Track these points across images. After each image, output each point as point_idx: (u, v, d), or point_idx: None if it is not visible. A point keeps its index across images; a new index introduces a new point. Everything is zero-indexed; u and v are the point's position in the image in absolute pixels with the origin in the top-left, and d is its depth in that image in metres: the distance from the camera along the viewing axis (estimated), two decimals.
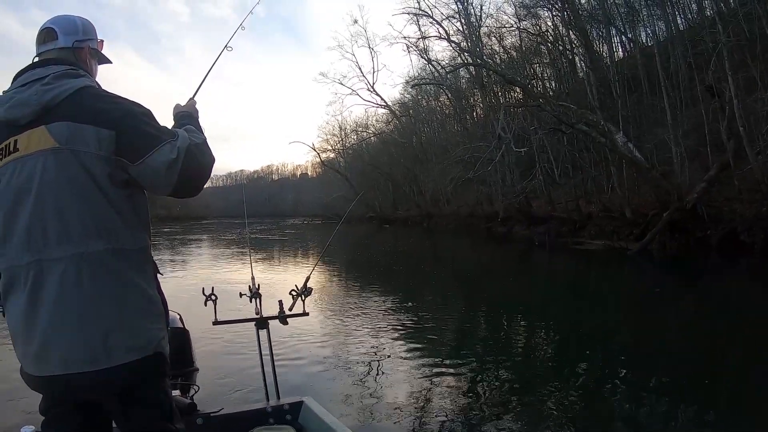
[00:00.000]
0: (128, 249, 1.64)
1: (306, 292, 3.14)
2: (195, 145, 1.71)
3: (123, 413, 1.68)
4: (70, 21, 1.82)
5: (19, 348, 1.64)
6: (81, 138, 1.56)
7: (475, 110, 38.76)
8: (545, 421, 4.28)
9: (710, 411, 4.57)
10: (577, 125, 18.98)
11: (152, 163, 1.61)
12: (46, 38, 1.78)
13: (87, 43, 1.84)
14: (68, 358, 1.54)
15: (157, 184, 1.67)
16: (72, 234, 1.55)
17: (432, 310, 9.38)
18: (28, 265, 1.56)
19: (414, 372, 5.53)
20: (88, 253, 1.56)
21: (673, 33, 21.96)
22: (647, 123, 20.40)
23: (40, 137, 1.57)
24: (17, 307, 1.60)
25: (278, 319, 3.15)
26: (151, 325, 1.66)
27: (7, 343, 5.51)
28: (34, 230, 1.56)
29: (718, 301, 9.84)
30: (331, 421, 2.60)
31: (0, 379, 5.11)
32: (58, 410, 1.69)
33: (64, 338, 1.53)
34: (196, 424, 2.63)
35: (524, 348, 6.98)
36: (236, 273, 13.55)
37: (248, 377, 4.99)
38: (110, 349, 1.55)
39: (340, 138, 60.59)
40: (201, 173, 1.74)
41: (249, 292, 3.22)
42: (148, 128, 1.64)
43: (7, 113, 1.62)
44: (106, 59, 1.97)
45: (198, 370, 3.12)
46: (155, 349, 1.66)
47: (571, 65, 27.19)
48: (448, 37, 33.11)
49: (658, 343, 6.98)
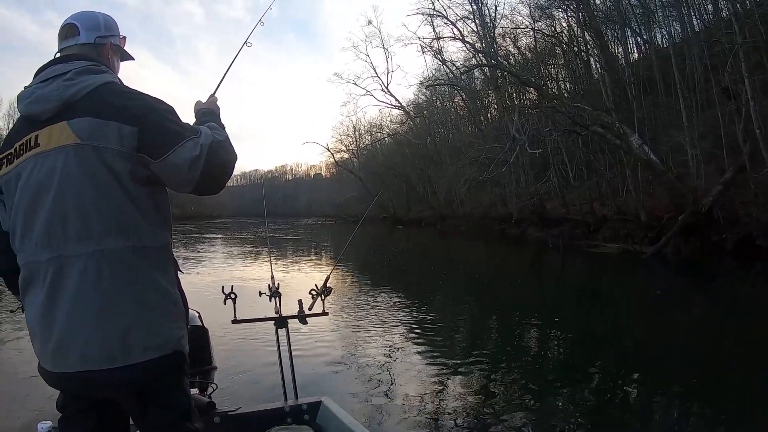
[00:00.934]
0: (149, 246, 1.63)
1: (326, 291, 3.14)
2: (218, 142, 1.70)
3: (141, 411, 1.68)
4: (92, 17, 1.81)
5: (36, 344, 1.64)
6: (102, 134, 1.55)
7: (489, 111, 38.65)
8: (557, 422, 4.32)
9: (721, 414, 4.57)
10: (591, 127, 18.88)
11: (175, 159, 1.60)
12: (67, 34, 1.77)
13: (109, 40, 1.83)
14: (86, 356, 1.54)
15: (179, 181, 1.65)
16: (92, 231, 1.55)
17: (446, 312, 9.43)
18: (48, 262, 1.56)
19: (430, 373, 5.56)
20: (108, 250, 1.55)
21: (689, 34, 21.74)
22: (662, 125, 20.23)
23: (61, 133, 1.56)
24: (36, 304, 1.60)
25: (298, 318, 3.14)
26: (170, 324, 1.66)
27: (25, 337, 5.64)
28: (54, 226, 1.56)
29: (731, 305, 9.76)
30: (349, 421, 2.59)
31: (17, 374, 5.29)
32: (76, 407, 1.70)
33: (82, 336, 1.53)
34: (214, 423, 2.63)
35: (537, 349, 7.03)
36: (254, 271, 13.74)
37: (266, 376, 5.01)
38: (128, 347, 1.55)
39: (354, 138, 60.61)
40: (223, 170, 1.73)
41: (269, 291, 3.20)
42: (170, 125, 1.63)
43: (28, 108, 1.62)
44: (129, 56, 1.97)
45: (216, 368, 3.13)
46: (174, 348, 1.65)
47: (586, 67, 27.01)
48: (463, 38, 32.99)
49: (670, 346, 6.97)
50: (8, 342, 6.84)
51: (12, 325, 7.46)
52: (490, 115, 38.20)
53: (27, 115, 1.64)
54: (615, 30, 24.69)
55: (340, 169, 62.64)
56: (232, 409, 2.76)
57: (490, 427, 4.17)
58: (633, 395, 5.07)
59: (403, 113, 49.77)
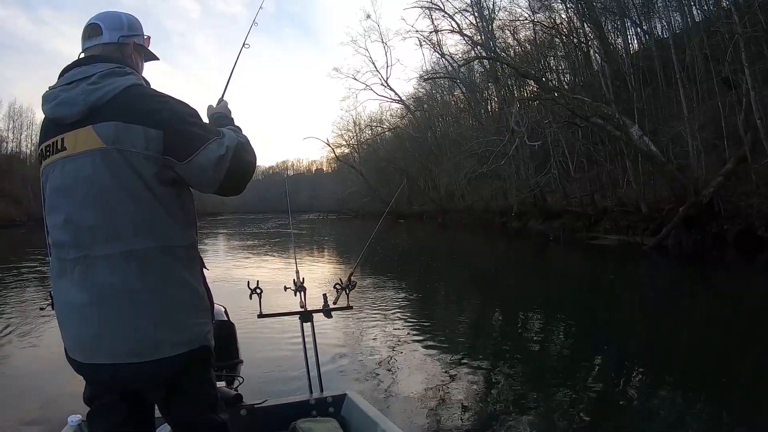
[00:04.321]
0: (176, 246, 1.66)
1: (350, 285, 3.16)
2: (242, 144, 1.72)
3: (168, 404, 1.72)
4: (115, 16, 1.82)
5: (66, 335, 1.68)
6: (128, 138, 1.56)
7: (489, 104, 38.63)
8: (561, 415, 4.31)
9: (725, 409, 4.54)
10: (591, 118, 18.83)
11: (200, 160, 1.61)
12: (91, 34, 1.78)
13: (132, 39, 1.83)
14: (115, 351, 1.57)
15: (204, 181, 1.67)
16: (120, 232, 1.57)
17: (459, 306, 9.60)
18: (75, 260, 1.59)
19: (453, 366, 5.58)
20: (136, 250, 1.58)
21: (689, 24, 21.69)
22: (663, 116, 20.23)
23: (87, 137, 1.58)
24: (65, 297, 1.64)
25: (323, 312, 3.16)
26: (197, 321, 1.70)
27: (54, 333, 5.71)
28: (80, 228, 1.58)
29: (734, 297, 9.72)
30: (373, 414, 2.60)
31: (48, 369, 5.33)
32: (104, 400, 1.73)
33: (111, 332, 1.57)
34: (240, 415, 2.67)
35: (559, 343, 7.03)
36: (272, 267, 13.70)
37: (292, 369, 5.06)
38: (157, 343, 1.58)
39: (355, 133, 60.75)
40: (247, 171, 1.75)
41: (293, 285, 3.23)
42: (195, 128, 1.65)
43: (53, 111, 1.64)
44: (153, 56, 1.97)
45: (242, 362, 3.18)
46: (201, 343, 1.69)
47: (586, 58, 26.86)
48: (461, 31, 32.89)
49: (673, 339, 6.96)
50: (39, 337, 6.98)
51: (42, 321, 7.61)
52: (490, 108, 38.18)
53: (53, 118, 1.65)
54: (614, 21, 24.59)
55: (341, 164, 62.66)
56: (258, 401, 2.81)
57: (512, 419, 4.20)
58: (637, 390, 5.05)
59: (403, 107, 49.84)
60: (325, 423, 2.67)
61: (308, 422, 2.65)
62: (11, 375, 5.53)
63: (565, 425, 4.15)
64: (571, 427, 4.13)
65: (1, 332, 7.28)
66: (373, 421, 2.53)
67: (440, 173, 40.67)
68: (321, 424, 2.66)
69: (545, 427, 4.10)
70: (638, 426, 4.19)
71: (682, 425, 4.24)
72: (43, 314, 7.66)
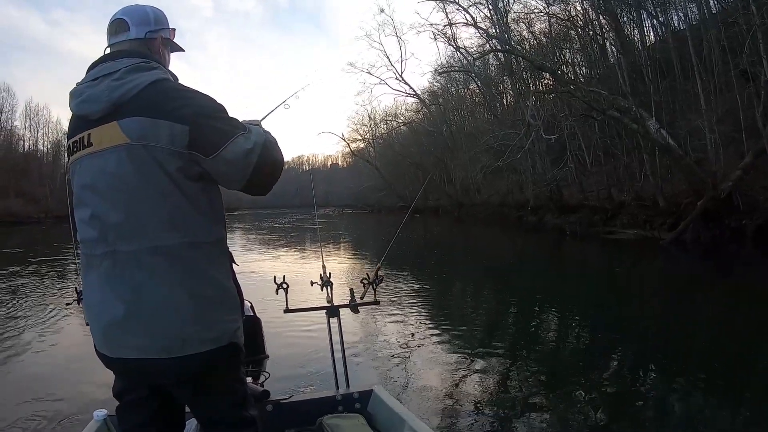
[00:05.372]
0: (204, 241, 1.66)
1: (377, 280, 3.13)
2: (270, 142, 1.71)
3: (196, 400, 1.74)
4: (142, 11, 1.81)
5: (94, 329, 1.69)
6: (153, 133, 1.56)
7: (505, 97, 38.36)
8: (577, 411, 4.38)
9: (743, 406, 4.55)
10: (608, 111, 18.71)
11: (227, 155, 1.60)
12: (117, 29, 1.77)
13: (160, 33, 1.83)
14: (143, 346, 1.59)
15: (231, 176, 1.66)
16: (147, 228, 1.58)
17: (482, 301, 9.85)
18: (102, 256, 1.61)
19: (475, 362, 5.62)
20: (163, 246, 1.58)
21: (706, 15, 21.36)
22: (680, 109, 19.96)
23: (112, 133, 1.58)
24: (94, 292, 1.66)
25: (349, 307, 3.15)
26: (225, 317, 1.68)
27: (80, 328, 5.79)
28: (107, 224, 1.60)
29: (752, 292, 9.66)
30: (400, 410, 2.60)
31: (74, 364, 5.51)
32: (134, 395, 1.76)
33: (139, 328, 1.58)
34: (266, 411, 2.67)
35: (579, 339, 7.12)
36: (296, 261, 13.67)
37: (318, 365, 5.11)
38: (185, 340, 1.59)
39: (370, 128, 60.61)
40: (275, 168, 1.74)
41: (320, 280, 3.19)
42: (221, 123, 1.64)
43: (79, 108, 1.65)
44: (179, 47, 1.96)
45: (268, 357, 3.23)
46: (230, 340, 1.68)
47: (602, 50, 26.60)
48: (475, 24, 32.65)
49: (691, 335, 6.95)
50: (64, 332, 7.17)
51: (68, 315, 7.82)
52: (505, 102, 37.93)
53: (79, 114, 1.67)
54: (630, 13, 24.26)
55: (357, 158, 62.61)
56: (285, 397, 2.82)
57: (533, 415, 4.24)
58: (653, 386, 5.05)
59: (418, 101, 49.59)
60: (352, 419, 2.67)
61: (335, 418, 2.66)
62: (37, 369, 5.61)
63: (582, 422, 4.18)
64: (588, 423, 4.16)
65: (28, 327, 7.47)
66: (400, 417, 2.53)
67: (456, 167, 40.49)
68: (347, 420, 2.66)
69: (564, 425, 4.13)
70: (654, 423, 4.20)
71: (699, 423, 4.24)
72: (69, 309, 7.80)
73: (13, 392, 4.87)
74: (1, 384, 5.26)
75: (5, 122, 58.31)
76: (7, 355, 6.14)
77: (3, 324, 7.61)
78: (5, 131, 58.21)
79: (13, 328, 7.38)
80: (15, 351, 6.31)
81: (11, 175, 52.38)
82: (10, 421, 4.17)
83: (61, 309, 8.20)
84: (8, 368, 5.72)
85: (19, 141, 60.59)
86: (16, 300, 9.57)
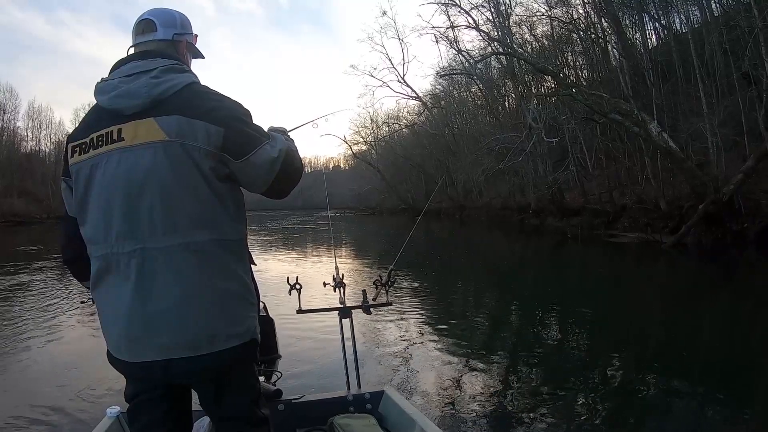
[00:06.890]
0: (230, 240, 1.69)
1: (390, 282, 3.17)
2: (291, 150, 1.79)
3: (216, 398, 1.75)
4: (169, 14, 1.84)
5: (112, 334, 1.67)
6: (191, 132, 1.59)
7: (506, 100, 38.38)
8: (578, 413, 4.37)
9: (746, 409, 4.53)
10: (610, 114, 18.67)
11: (256, 160, 1.66)
12: (145, 29, 1.79)
13: (185, 37, 1.87)
14: (170, 345, 1.59)
15: (256, 180, 1.72)
16: (179, 225, 1.60)
17: (487, 303, 9.97)
18: (131, 253, 1.59)
19: (486, 363, 5.65)
20: (194, 242, 1.60)
21: (708, 18, 21.37)
22: (682, 112, 19.96)
23: (149, 129, 1.59)
24: (114, 295, 1.63)
25: (362, 308, 3.16)
26: (248, 314, 1.73)
27: (91, 326, 5.85)
28: (138, 220, 1.59)
29: (754, 296, 9.65)
30: (411, 411, 2.61)
31: (86, 362, 5.55)
32: (146, 397, 1.75)
33: (167, 325, 1.58)
34: (278, 410, 2.71)
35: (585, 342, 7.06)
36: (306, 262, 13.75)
37: (330, 365, 5.10)
38: (213, 336, 1.61)
39: (372, 130, 60.54)
40: (295, 174, 1.83)
41: (333, 281, 3.20)
42: (250, 128, 1.69)
43: (113, 102, 1.64)
44: (200, 54, 1.99)
45: (280, 357, 3.26)
46: (251, 336, 1.72)
47: (604, 53, 26.60)
48: (477, 27, 32.68)
49: (693, 338, 6.92)
50: (76, 330, 7.23)
51: (80, 314, 7.90)
52: (507, 104, 37.95)
53: (111, 109, 1.65)
54: (632, 16, 24.31)
55: (358, 161, 62.60)
56: (296, 397, 2.85)
57: (539, 416, 4.25)
58: (655, 389, 5.01)
59: (420, 104, 49.55)
60: (363, 419, 2.68)
61: (346, 418, 2.67)
62: (50, 366, 5.64)
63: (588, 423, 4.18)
64: (593, 423, 4.17)
65: (40, 325, 7.51)
66: (411, 418, 2.54)
67: (457, 170, 40.43)
68: (358, 420, 2.67)
69: (570, 426, 4.13)
70: (655, 425, 4.21)
71: (701, 426, 4.25)
72: (81, 307, 7.90)
73: (23, 390, 4.91)
74: (15, 380, 5.29)
75: (8, 123, 58.54)
76: (19, 350, 6.24)
77: (22, 319, 7.79)
78: (8, 132, 58.37)
79: (33, 322, 7.56)
80: (27, 346, 6.43)
81: (14, 175, 52.59)
82: (24, 418, 4.22)
83: (73, 306, 8.39)
84: (21, 366, 5.74)
85: (21, 141, 60.77)
86: (31, 296, 9.77)
